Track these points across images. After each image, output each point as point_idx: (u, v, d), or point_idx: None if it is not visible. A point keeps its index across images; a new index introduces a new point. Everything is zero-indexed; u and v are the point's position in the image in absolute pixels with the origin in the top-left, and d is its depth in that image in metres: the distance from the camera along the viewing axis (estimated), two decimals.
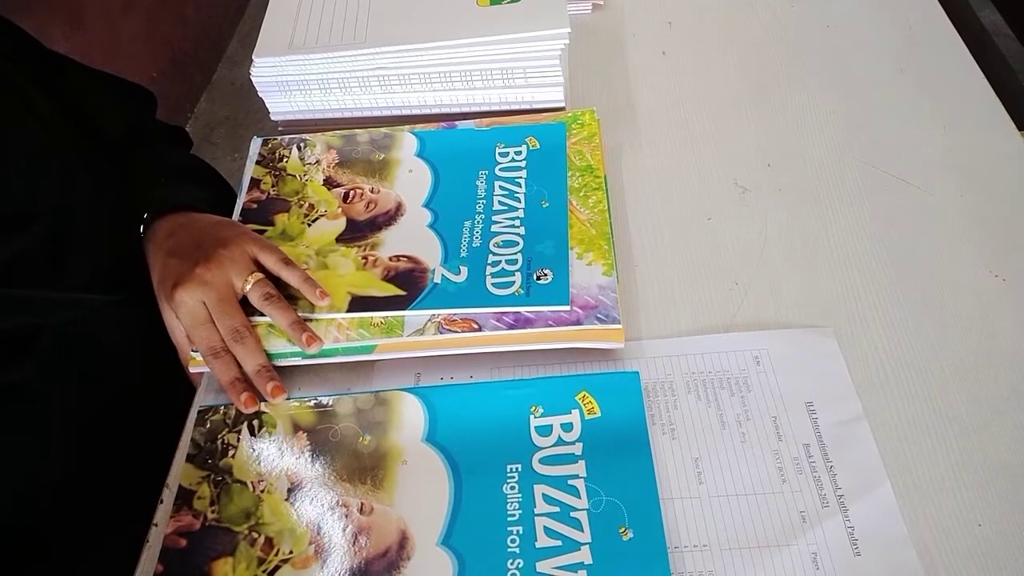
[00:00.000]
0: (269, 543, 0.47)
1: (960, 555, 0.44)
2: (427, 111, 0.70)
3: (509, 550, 0.45)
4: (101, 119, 0.63)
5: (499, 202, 0.60)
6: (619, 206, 0.62)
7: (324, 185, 0.64)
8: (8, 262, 0.50)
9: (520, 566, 0.44)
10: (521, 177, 0.62)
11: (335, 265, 0.58)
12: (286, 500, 0.48)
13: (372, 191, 0.63)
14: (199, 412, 0.53)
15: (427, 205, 0.61)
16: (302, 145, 0.67)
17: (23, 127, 0.53)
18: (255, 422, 0.52)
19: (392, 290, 0.55)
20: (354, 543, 0.46)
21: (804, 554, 0.44)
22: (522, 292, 0.54)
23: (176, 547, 0.47)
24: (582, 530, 0.45)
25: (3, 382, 0.51)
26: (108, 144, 0.63)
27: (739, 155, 0.66)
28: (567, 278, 0.54)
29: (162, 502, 0.50)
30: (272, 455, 0.50)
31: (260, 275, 0.55)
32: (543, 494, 0.47)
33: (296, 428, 0.52)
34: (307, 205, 0.63)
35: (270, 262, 0.55)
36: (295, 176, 0.65)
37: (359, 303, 0.55)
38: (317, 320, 0.55)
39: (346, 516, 0.47)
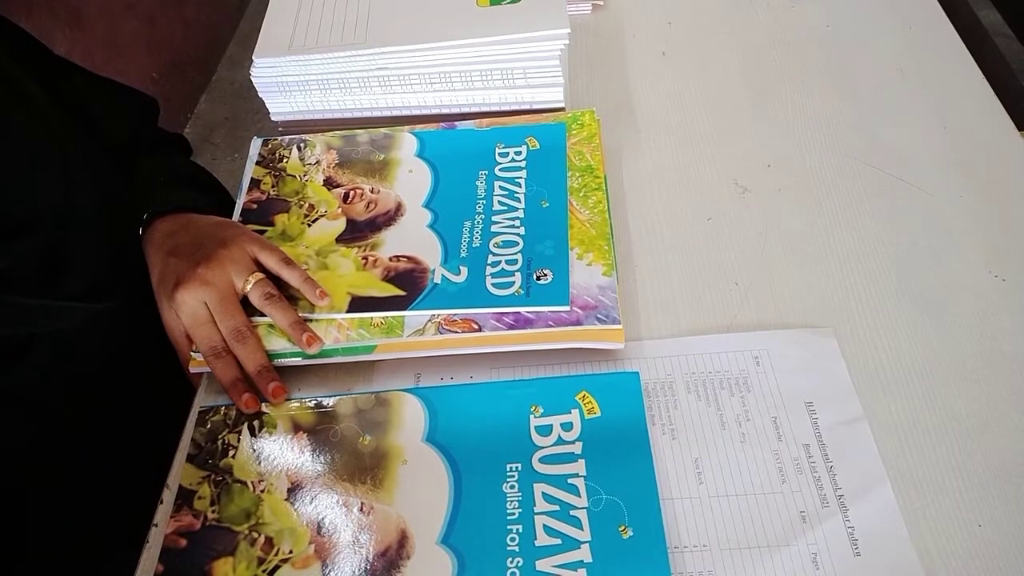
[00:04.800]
0: (269, 543, 0.47)
1: (960, 556, 0.44)
2: (427, 111, 0.70)
3: (509, 549, 0.45)
4: (103, 124, 0.63)
5: (499, 202, 0.60)
6: (619, 206, 0.63)
7: (324, 185, 0.64)
8: (7, 269, 0.50)
9: (520, 564, 0.44)
10: (521, 177, 0.62)
11: (335, 265, 0.58)
12: (286, 500, 0.48)
13: (372, 191, 0.63)
14: (200, 413, 0.53)
15: (427, 205, 0.61)
16: (302, 145, 0.67)
17: (29, 132, 0.53)
18: (256, 422, 0.52)
19: (392, 290, 0.55)
20: (354, 542, 0.46)
21: (804, 554, 0.44)
22: (522, 292, 0.54)
23: (176, 547, 0.47)
24: (582, 528, 0.45)
25: None
26: (109, 150, 0.63)
27: (739, 155, 0.66)
28: (567, 278, 0.54)
29: (162, 502, 0.50)
30: (272, 455, 0.50)
31: (261, 275, 0.55)
32: (543, 493, 0.47)
33: (296, 428, 0.52)
34: (307, 205, 0.63)
35: (271, 262, 0.55)
36: (295, 176, 0.65)
37: (359, 303, 0.55)
38: (317, 320, 0.55)
39: (346, 516, 0.47)
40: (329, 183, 0.64)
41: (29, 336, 0.52)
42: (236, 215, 0.63)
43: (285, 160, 0.66)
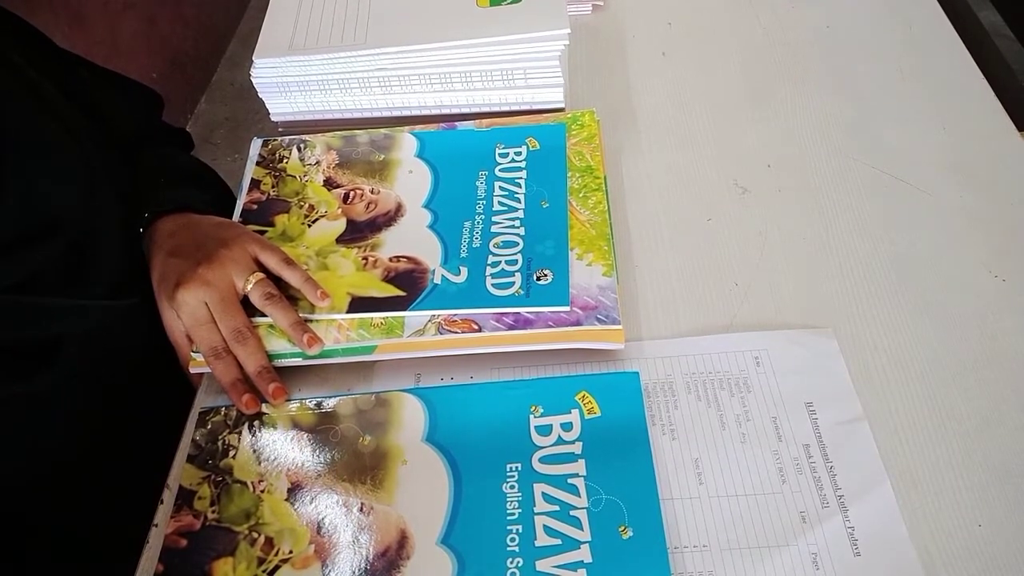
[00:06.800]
0: (269, 543, 0.47)
1: (960, 555, 0.44)
2: (427, 112, 0.70)
3: (509, 549, 0.45)
4: (109, 118, 0.63)
5: (499, 203, 0.61)
6: (619, 206, 0.63)
7: (324, 186, 0.64)
8: (34, 271, 0.50)
9: (520, 565, 0.44)
10: (521, 178, 0.62)
11: (335, 266, 0.58)
12: (286, 500, 0.48)
13: (372, 192, 0.63)
14: (200, 413, 0.53)
15: (427, 206, 0.61)
16: (302, 146, 0.67)
17: (46, 130, 0.53)
18: (256, 423, 0.52)
19: (392, 291, 0.55)
20: (354, 543, 0.46)
21: (804, 554, 0.44)
22: (522, 293, 0.54)
23: (176, 547, 0.47)
24: (582, 529, 0.45)
25: (26, 391, 0.51)
26: (115, 143, 0.63)
27: (739, 155, 0.66)
28: (567, 279, 0.54)
29: (162, 502, 0.50)
30: (273, 455, 0.50)
31: (261, 275, 0.55)
32: (543, 493, 0.47)
33: (297, 429, 0.52)
34: (307, 206, 0.63)
35: (271, 262, 0.55)
36: (295, 177, 0.65)
37: (359, 304, 0.55)
38: (317, 321, 0.55)
39: (346, 516, 0.47)
40: (329, 183, 0.64)
41: (57, 338, 0.52)
42: (236, 216, 0.63)
43: (285, 160, 0.66)
